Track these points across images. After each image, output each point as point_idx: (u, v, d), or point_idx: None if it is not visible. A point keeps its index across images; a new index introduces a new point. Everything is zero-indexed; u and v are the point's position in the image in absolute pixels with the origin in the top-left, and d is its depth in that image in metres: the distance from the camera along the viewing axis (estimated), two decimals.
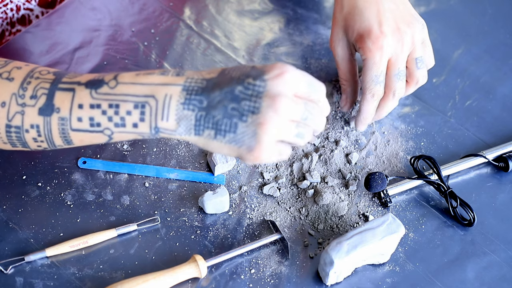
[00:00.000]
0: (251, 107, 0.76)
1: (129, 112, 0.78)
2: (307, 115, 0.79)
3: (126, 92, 0.78)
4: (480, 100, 1.09)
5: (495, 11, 1.22)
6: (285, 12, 1.19)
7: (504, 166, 1.01)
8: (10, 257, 0.89)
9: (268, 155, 0.78)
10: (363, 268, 0.91)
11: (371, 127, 1.05)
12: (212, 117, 0.77)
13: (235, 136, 0.77)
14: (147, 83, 0.78)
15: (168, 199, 0.96)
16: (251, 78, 0.77)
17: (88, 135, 0.80)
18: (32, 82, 0.80)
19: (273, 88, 0.76)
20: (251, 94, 0.76)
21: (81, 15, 1.15)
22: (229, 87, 0.77)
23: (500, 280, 0.92)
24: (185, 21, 1.17)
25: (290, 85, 0.77)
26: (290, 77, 0.77)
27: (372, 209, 0.97)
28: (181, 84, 0.78)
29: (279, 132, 0.77)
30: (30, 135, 0.81)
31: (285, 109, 0.76)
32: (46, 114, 0.80)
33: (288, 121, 0.78)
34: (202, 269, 0.88)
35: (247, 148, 0.77)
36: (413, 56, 0.97)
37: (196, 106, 0.77)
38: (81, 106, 0.79)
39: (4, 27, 1.15)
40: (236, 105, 0.76)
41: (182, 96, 0.77)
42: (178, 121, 0.78)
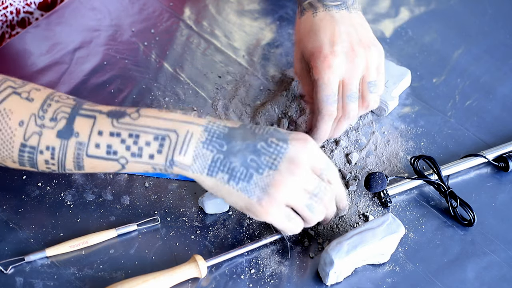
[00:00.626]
0: (270, 163, 0.80)
1: (148, 143, 0.80)
2: (318, 191, 0.82)
3: (148, 125, 0.81)
4: (480, 100, 1.09)
5: (495, 11, 1.22)
6: (285, 12, 1.19)
7: (504, 166, 1.01)
8: (10, 257, 0.89)
9: (276, 213, 0.81)
10: (363, 268, 0.91)
11: (371, 127, 1.05)
12: (230, 162, 0.80)
13: (247, 186, 0.80)
14: (169, 118, 0.81)
15: (168, 199, 0.96)
16: (275, 138, 0.81)
17: (102, 163, 0.82)
18: (52, 105, 0.82)
19: (295, 153, 0.80)
20: (272, 152, 0.80)
21: (81, 15, 1.15)
22: (252, 140, 0.80)
23: (500, 280, 0.92)
24: (185, 21, 1.17)
25: (310, 156, 0.81)
26: (312, 149, 0.81)
27: (372, 209, 0.97)
28: (203, 125, 0.81)
29: (291, 195, 0.81)
30: (43, 157, 0.82)
31: (302, 175, 0.80)
32: (64, 137, 0.81)
33: (301, 188, 0.81)
34: (202, 269, 0.88)
35: (257, 199, 0.80)
36: (366, 80, 0.94)
37: (215, 148, 0.80)
38: (101, 133, 0.81)
39: (4, 29, 1.15)
40: (255, 157, 0.80)
41: (203, 136, 0.80)
42: (194, 158, 0.80)
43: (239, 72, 1.11)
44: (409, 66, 1.10)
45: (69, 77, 1.08)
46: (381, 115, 1.06)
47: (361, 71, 0.93)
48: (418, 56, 1.14)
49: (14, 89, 0.82)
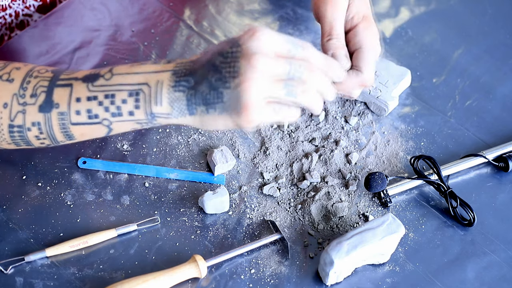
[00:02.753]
0: (231, 72, 0.76)
1: (124, 100, 0.80)
2: (294, 73, 0.78)
3: (121, 82, 0.80)
4: (480, 100, 1.09)
5: (495, 11, 1.22)
6: (285, 12, 1.19)
7: (504, 166, 1.01)
8: (10, 257, 0.89)
9: (259, 114, 0.77)
10: (363, 268, 0.91)
11: (371, 127, 1.05)
12: (200, 92, 0.78)
13: (224, 105, 0.77)
14: (140, 71, 0.80)
15: (168, 199, 0.96)
16: (228, 46, 0.78)
17: (88, 128, 0.82)
18: (31, 82, 0.83)
19: (248, 48, 0.76)
20: (230, 61, 0.77)
21: (81, 15, 1.15)
22: (211, 61, 0.78)
23: (500, 280, 0.92)
24: (185, 21, 1.17)
25: (266, 44, 0.76)
26: (264, 36, 0.77)
27: (372, 209, 0.97)
28: (171, 70, 0.80)
29: (264, 90, 0.76)
30: (32, 133, 0.83)
31: (264, 66, 0.76)
32: (46, 111, 0.82)
33: (271, 79, 0.77)
34: (202, 269, 0.88)
35: (237, 113, 0.77)
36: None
37: (185, 86, 0.78)
38: (78, 99, 0.81)
39: (3, 31, 1.15)
40: (218, 75, 0.77)
41: (172, 80, 0.79)
42: (171, 104, 0.79)
43: None
44: (409, 66, 1.10)
45: None
46: (381, 115, 1.06)
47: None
48: (418, 56, 1.14)
49: None
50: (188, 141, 1.02)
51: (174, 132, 1.03)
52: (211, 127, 0.80)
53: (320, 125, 1.04)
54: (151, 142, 1.01)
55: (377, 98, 1.05)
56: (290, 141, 1.02)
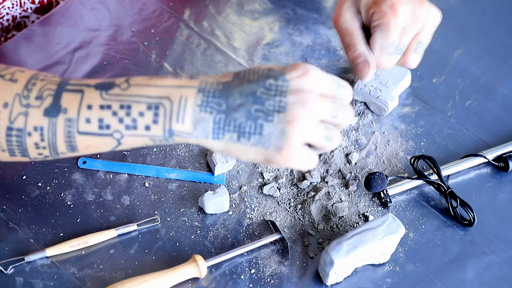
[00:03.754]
0: (276, 106, 0.73)
1: (142, 113, 0.75)
2: (336, 113, 0.76)
3: (139, 93, 0.75)
4: (480, 100, 1.09)
5: (495, 11, 1.22)
6: (285, 12, 1.19)
7: (504, 166, 1.01)
8: (10, 257, 0.89)
9: (297, 156, 0.75)
10: (363, 268, 0.91)
11: (371, 127, 1.05)
12: (234, 120, 0.74)
13: (260, 138, 0.74)
14: (160, 85, 0.75)
15: (168, 199, 0.96)
16: (272, 79, 0.74)
17: (96, 140, 0.77)
18: (37, 84, 0.77)
19: (298, 86, 0.74)
20: (274, 94, 0.74)
21: (81, 15, 1.15)
22: (250, 89, 0.74)
23: (500, 280, 0.92)
24: (185, 21, 1.17)
25: (315, 83, 0.75)
26: (314, 75, 0.75)
27: (372, 209, 0.97)
28: (196, 86, 0.75)
29: (308, 132, 0.74)
30: (32, 139, 0.77)
31: (313, 105, 0.74)
32: (52, 115, 0.76)
33: (317, 121, 0.75)
34: (202, 269, 0.88)
35: (275, 148, 0.74)
36: (418, 38, 0.92)
37: (214, 108, 0.74)
38: (90, 107, 0.75)
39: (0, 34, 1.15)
40: (259, 106, 0.73)
41: (198, 98, 0.74)
42: (194, 124, 0.75)
43: None
44: None
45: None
46: (381, 115, 1.06)
47: (418, 28, 0.91)
48: None
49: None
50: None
51: None
52: (235, 155, 0.76)
53: None
54: None
55: (377, 98, 1.05)
56: None
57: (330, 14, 1.19)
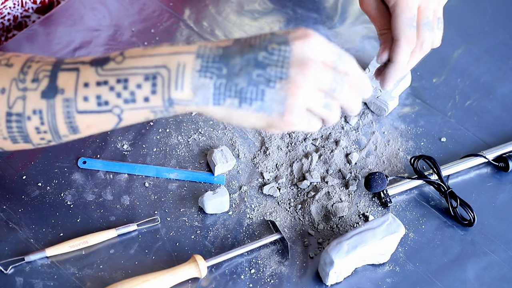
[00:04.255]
0: (279, 73, 0.72)
1: (139, 85, 0.73)
2: (335, 86, 0.75)
3: (135, 65, 0.73)
4: (480, 100, 1.09)
5: (495, 11, 1.22)
6: (285, 12, 1.19)
7: (504, 166, 1.01)
8: (10, 257, 0.89)
9: (299, 121, 0.75)
10: (363, 268, 0.91)
11: (371, 127, 1.05)
12: (235, 85, 0.73)
13: (263, 104, 0.73)
14: (156, 54, 0.74)
15: (168, 199, 0.96)
16: (275, 43, 0.73)
17: (96, 117, 0.75)
18: (32, 66, 0.76)
19: (300, 53, 0.73)
20: (277, 60, 0.73)
21: (81, 15, 1.15)
22: (252, 53, 0.73)
23: (500, 280, 0.92)
24: (185, 21, 1.17)
25: (317, 51, 0.74)
26: (318, 42, 0.74)
27: (372, 209, 0.97)
28: (193, 52, 0.73)
29: (309, 99, 0.74)
30: (32, 124, 0.76)
31: (315, 75, 0.73)
32: (49, 97, 0.74)
33: (317, 89, 0.74)
34: (202, 269, 0.88)
35: (277, 114, 0.73)
36: (436, 15, 0.92)
37: (214, 73, 0.73)
38: (87, 84, 0.74)
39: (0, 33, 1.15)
40: (261, 71, 0.72)
41: (197, 64, 0.73)
42: (194, 90, 0.73)
43: None
44: None
45: None
46: (381, 115, 1.06)
47: (435, 2, 0.91)
48: None
49: None
50: (188, 141, 1.02)
51: (174, 132, 1.03)
52: (237, 122, 0.75)
53: None
54: (151, 142, 1.01)
55: (377, 98, 1.05)
56: (290, 141, 1.02)
57: (330, 14, 1.19)
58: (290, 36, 0.73)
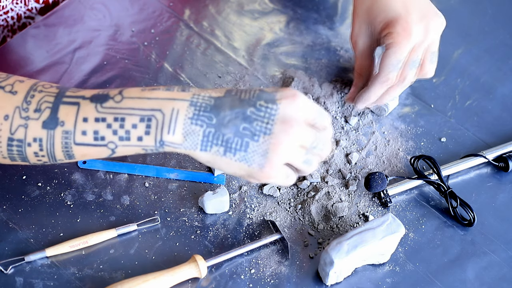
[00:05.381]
0: (263, 128, 0.78)
1: (135, 125, 0.79)
2: (317, 144, 0.81)
3: (132, 106, 0.79)
4: (480, 100, 1.09)
5: (495, 11, 1.22)
6: (285, 12, 1.19)
7: (504, 166, 1.01)
8: (10, 257, 0.89)
9: (277, 175, 0.80)
10: (363, 268, 0.91)
11: (371, 127, 1.05)
12: (222, 134, 0.78)
13: (246, 155, 0.79)
14: (153, 97, 0.79)
15: (168, 199, 0.96)
16: (263, 100, 0.79)
17: (91, 149, 0.81)
18: (36, 96, 0.81)
19: (286, 112, 0.78)
20: (263, 116, 0.78)
21: (81, 15, 1.15)
22: (241, 107, 0.78)
23: (500, 280, 0.92)
24: (185, 21, 1.17)
25: (302, 111, 0.79)
26: (302, 103, 0.79)
27: (372, 209, 0.97)
28: (188, 100, 0.79)
29: (289, 155, 0.79)
30: (31, 149, 0.81)
31: (297, 134, 0.79)
32: (50, 128, 0.80)
33: (298, 146, 0.80)
34: (202, 269, 0.88)
35: (257, 166, 0.79)
36: (430, 49, 0.97)
37: (204, 122, 0.78)
38: (86, 119, 0.79)
39: (5, 33, 1.15)
40: (248, 125, 0.78)
41: (190, 111, 0.78)
42: (184, 135, 0.79)
43: (239, 72, 1.11)
44: None
45: (69, 77, 1.08)
46: (381, 115, 1.06)
47: (429, 40, 0.95)
48: None
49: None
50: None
51: None
52: (220, 167, 0.81)
53: None
54: None
55: None
56: None
57: (330, 14, 1.19)
58: (278, 95, 0.79)
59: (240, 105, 0.78)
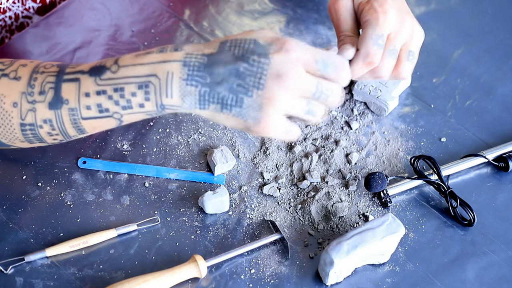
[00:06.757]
0: (256, 83, 0.77)
1: (134, 93, 0.80)
2: (319, 94, 0.80)
3: (128, 75, 0.79)
4: (480, 100, 1.09)
5: (495, 11, 1.22)
6: (285, 12, 1.19)
7: (504, 166, 1.01)
8: (10, 257, 0.90)
9: (275, 128, 0.80)
10: (363, 268, 0.91)
11: (371, 127, 1.05)
12: (217, 93, 0.78)
13: (241, 110, 0.79)
14: (147, 62, 0.79)
15: (168, 199, 0.96)
16: (256, 55, 0.78)
17: (99, 121, 0.82)
18: (38, 78, 0.82)
19: (278, 66, 0.77)
20: (256, 71, 0.78)
21: (81, 15, 1.15)
22: (233, 64, 0.78)
23: (500, 280, 0.92)
24: (185, 21, 1.17)
25: (296, 60, 0.78)
26: (295, 51, 0.78)
27: (372, 209, 0.97)
28: (180, 60, 0.79)
29: (286, 108, 0.79)
30: (44, 130, 0.83)
31: (293, 85, 0.78)
32: (56, 108, 0.81)
33: (297, 97, 0.79)
34: (202, 269, 0.88)
35: (253, 120, 0.79)
36: (407, 47, 0.93)
37: (199, 82, 0.78)
38: (87, 94, 0.80)
39: (3, 34, 1.15)
40: (241, 81, 0.78)
41: (184, 72, 0.78)
42: (182, 97, 0.79)
43: None
44: None
45: None
46: (381, 115, 1.06)
47: (406, 35, 0.92)
48: None
49: (2, 71, 0.84)
50: (188, 141, 1.02)
51: (174, 132, 1.03)
52: (220, 122, 0.81)
53: (320, 125, 1.04)
54: (151, 142, 1.01)
55: (377, 98, 1.05)
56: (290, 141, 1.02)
57: None
58: (272, 49, 0.78)
59: (233, 62, 0.78)
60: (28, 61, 0.85)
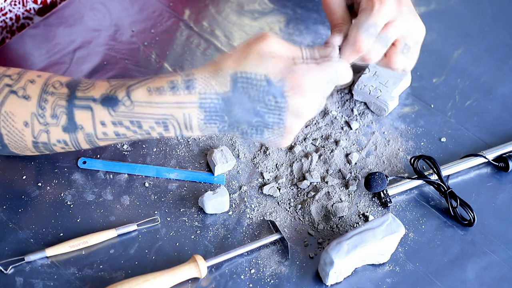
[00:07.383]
0: (276, 120, 0.81)
1: (152, 127, 0.82)
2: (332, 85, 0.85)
3: (144, 112, 0.81)
4: (480, 100, 1.09)
5: (495, 11, 1.22)
6: (285, 12, 1.19)
7: (504, 166, 1.00)
8: (10, 257, 0.89)
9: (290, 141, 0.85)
10: (363, 268, 0.91)
11: (371, 127, 1.05)
12: (237, 127, 0.82)
13: (261, 138, 0.83)
14: (162, 102, 0.80)
15: (168, 199, 0.96)
16: (271, 95, 0.80)
17: (116, 141, 0.85)
18: (48, 100, 0.82)
19: (295, 105, 0.80)
20: (273, 110, 0.80)
21: (81, 15, 1.15)
22: (251, 105, 0.80)
23: (500, 280, 0.92)
24: (185, 21, 1.17)
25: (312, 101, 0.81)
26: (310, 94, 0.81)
27: (372, 209, 0.97)
28: (196, 102, 0.80)
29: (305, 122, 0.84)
30: (58, 147, 0.85)
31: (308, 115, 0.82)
32: (70, 132, 0.83)
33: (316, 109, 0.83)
34: (202, 269, 0.88)
35: (275, 144, 0.84)
36: (404, 40, 0.91)
37: (218, 120, 0.81)
38: (103, 123, 0.82)
39: (4, 35, 1.15)
40: (259, 119, 0.81)
41: (201, 114, 0.81)
42: (202, 131, 0.82)
43: None
44: None
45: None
46: (381, 115, 1.06)
47: (403, 27, 0.90)
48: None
49: (10, 87, 0.83)
50: (188, 141, 1.02)
51: None
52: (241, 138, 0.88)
53: (320, 125, 1.04)
54: (151, 142, 1.01)
55: (377, 98, 1.05)
56: None
57: None
58: (285, 87, 0.80)
59: (249, 103, 0.80)
60: (35, 75, 0.84)
